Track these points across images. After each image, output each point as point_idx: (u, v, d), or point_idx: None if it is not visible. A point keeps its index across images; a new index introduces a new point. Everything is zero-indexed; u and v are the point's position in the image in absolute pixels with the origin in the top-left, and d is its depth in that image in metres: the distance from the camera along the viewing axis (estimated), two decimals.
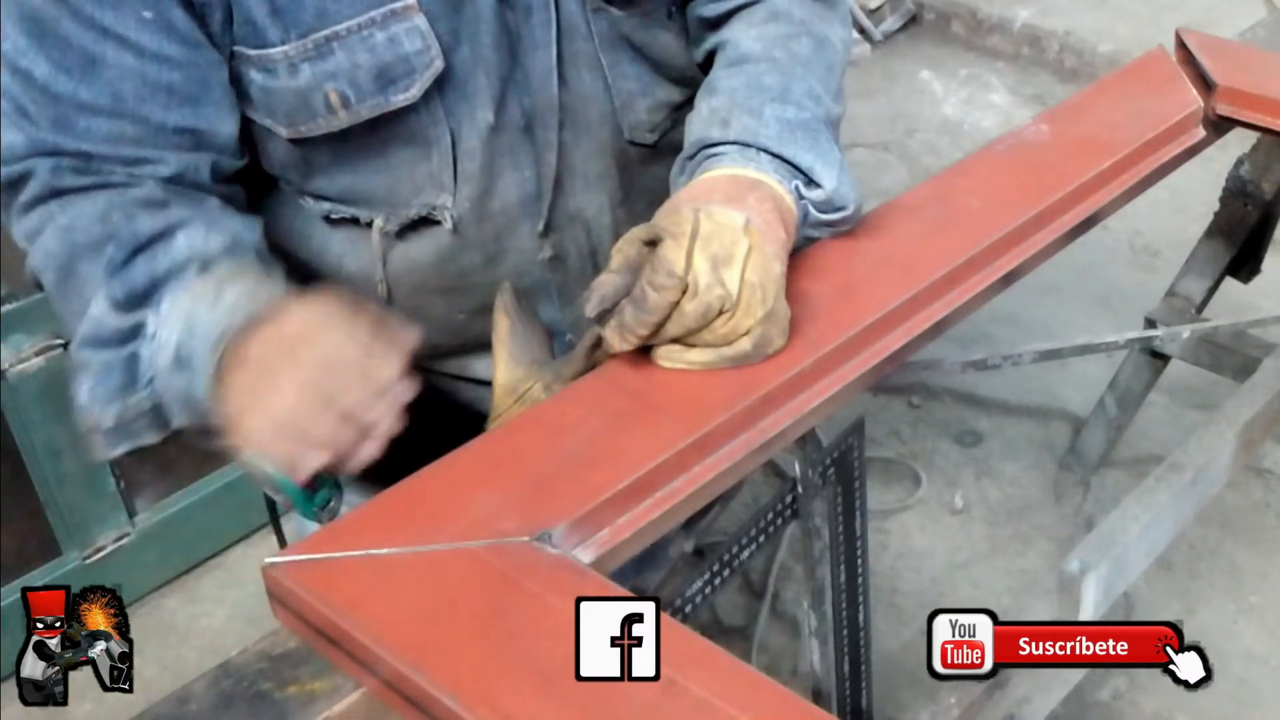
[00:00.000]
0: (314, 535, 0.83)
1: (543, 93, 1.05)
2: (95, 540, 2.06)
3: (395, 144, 1.02)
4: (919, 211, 1.14)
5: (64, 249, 0.94)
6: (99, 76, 0.92)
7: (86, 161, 0.95)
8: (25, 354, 1.87)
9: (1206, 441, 1.17)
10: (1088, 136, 1.26)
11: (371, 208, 1.05)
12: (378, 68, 0.97)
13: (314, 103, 0.97)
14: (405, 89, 0.98)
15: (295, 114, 0.98)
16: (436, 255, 1.08)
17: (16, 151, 0.95)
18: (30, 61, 0.92)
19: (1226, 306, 2.20)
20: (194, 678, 0.78)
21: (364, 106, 0.98)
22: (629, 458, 0.86)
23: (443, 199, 1.05)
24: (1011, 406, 2.51)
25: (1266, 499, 2.26)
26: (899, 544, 2.22)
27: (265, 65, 0.96)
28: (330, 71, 0.96)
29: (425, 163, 1.03)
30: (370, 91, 0.97)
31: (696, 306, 0.88)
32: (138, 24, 0.92)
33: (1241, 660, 1.96)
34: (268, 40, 0.95)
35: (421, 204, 1.05)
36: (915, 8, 4.03)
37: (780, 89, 1.03)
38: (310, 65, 0.96)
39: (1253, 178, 1.97)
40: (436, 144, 1.03)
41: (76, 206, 0.95)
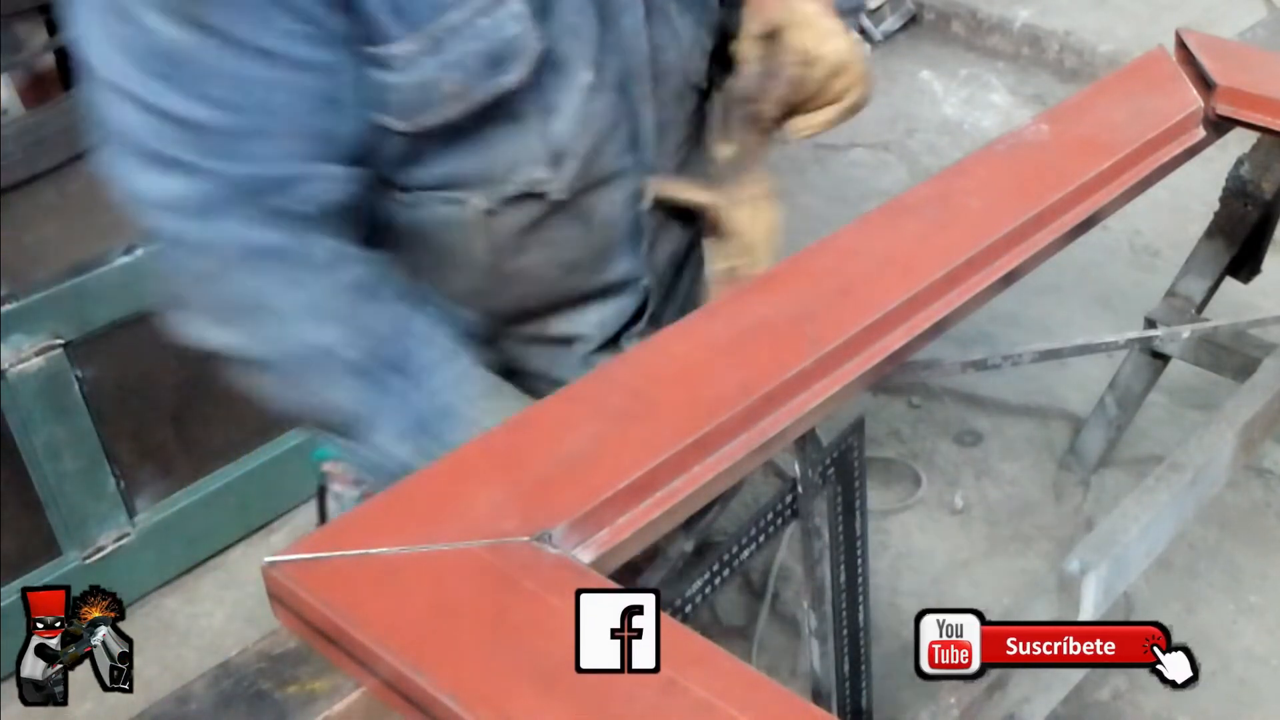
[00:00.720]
0: (314, 535, 0.83)
1: (635, 52, 1.09)
2: (95, 540, 2.06)
3: (491, 124, 1.04)
4: (919, 211, 1.14)
5: (296, 348, 0.99)
6: (251, 96, 0.92)
7: (259, 193, 0.94)
8: (25, 354, 1.87)
9: (1206, 441, 1.17)
10: (1088, 136, 1.26)
11: (469, 189, 1.07)
12: (487, 54, 0.98)
13: (432, 95, 0.99)
14: (512, 71, 1.00)
15: (414, 107, 1.00)
16: (534, 222, 1.10)
17: (189, 202, 0.94)
18: (168, 100, 0.90)
19: (1226, 306, 2.20)
20: (194, 677, 0.78)
21: (478, 92, 1.00)
22: (629, 458, 0.86)
23: (540, 173, 1.07)
24: (1011, 406, 2.51)
25: (1266, 499, 2.26)
26: (899, 544, 2.22)
27: (386, 62, 0.97)
28: (447, 63, 0.98)
29: (520, 139, 1.05)
30: (482, 77, 0.99)
31: (824, 71, 1.10)
32: (284, 36, 0.91)
33: (1241, 660, 1.96)
34: (389, 36, 0.96)
35: (521, 180, 1.07)
36: (915, 8, 4.03)
37: None
38: (429, 58, 0.97)
39: (1253, 178, 1.97)
40: (531, 120, 1.05)
41: (291, 289, 0.98)
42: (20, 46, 1.93)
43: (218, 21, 0.88)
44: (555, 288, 1.17)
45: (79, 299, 1.89)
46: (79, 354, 1.92)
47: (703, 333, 1.00)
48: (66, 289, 1.87)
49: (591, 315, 1.20)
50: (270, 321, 0.98)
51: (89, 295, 1.89)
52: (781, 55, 1.10)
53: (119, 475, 2.06)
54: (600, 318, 1.20)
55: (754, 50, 1.11)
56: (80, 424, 1.96)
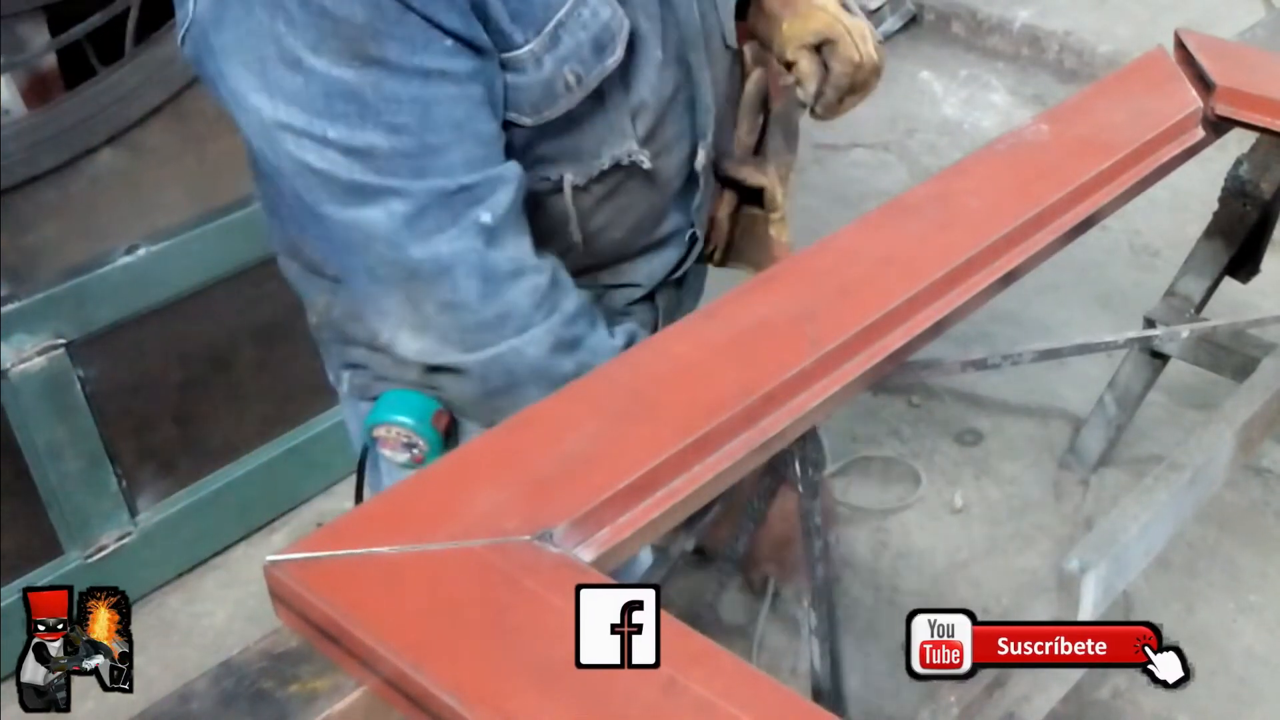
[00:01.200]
0: (316, 535, 0.83)
1: (689, 24, 1.17)
2: (97, 539, 2.06)
3: (584, 107, 1.10)
4: (919, 211, 1.15)
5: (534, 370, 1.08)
6: (429, 115, 0.98)
7: (458, 204, 1.02)
8: (27, 354, 1.87)
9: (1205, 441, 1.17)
10: (1087, 136, 1.26)
11: (560, 167, 1.13)
12: (593, 40, 1.06)
13: (556, 88, 1.06)
14: (614, 52, 1.08)
15: (541, 102, 1.06)
16: (618, 192, 1.17)
17: (398, 221, 1.01)
18: (363, 137, 0.97)
19: (1226, 306, 2.20)
20: (195, 676, 0.78)
21: (591, 77, 1.07)
22: (630, 457, 0.86)
23: (626, 145, 1.14)
24: (1011, 406, 2.51)
25: (1265, 498, 2.26)
26: (899, 543, 2.22)
27: (515, 66, 1.04)
28: (564, 56, 1.05)
29: (603, 115, 1.12)
30: (593, 63, 1.07)
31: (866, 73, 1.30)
32: (445, 53, 0.98)
33: (1241, 659, 1.96)
34: (514, 43, 1.03)
35: (610, 155, 1.14)
36: (915, 8, 4.03)
37: None
38: (550, 55, 1.04)
39: (1252, 178, 1.97)
40: (617, 98, 1.11)
41: (527, 311, 1.07)
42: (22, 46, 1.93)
43: (386, 55, 0.95)
44: (620, 246, 1.24)
45: (80, 299, 1.89)
46: (81, 354, 1.93)
47: (703, 333, 1.00)
48: (68, 289, 1.87)
49: (643, 266, 1.27)
50: (510, 350, 1.07)
51: (90, 295, 1.89)
52: (834, 63, 1.26)
53: (120, 475, 2.06)
54: (650, 268, 1.28)
55: (805, 58, 1.26)
56: (82, 424, 1.96)
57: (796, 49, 1.27)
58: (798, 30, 1.27)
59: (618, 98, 1.12)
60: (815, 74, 1.27)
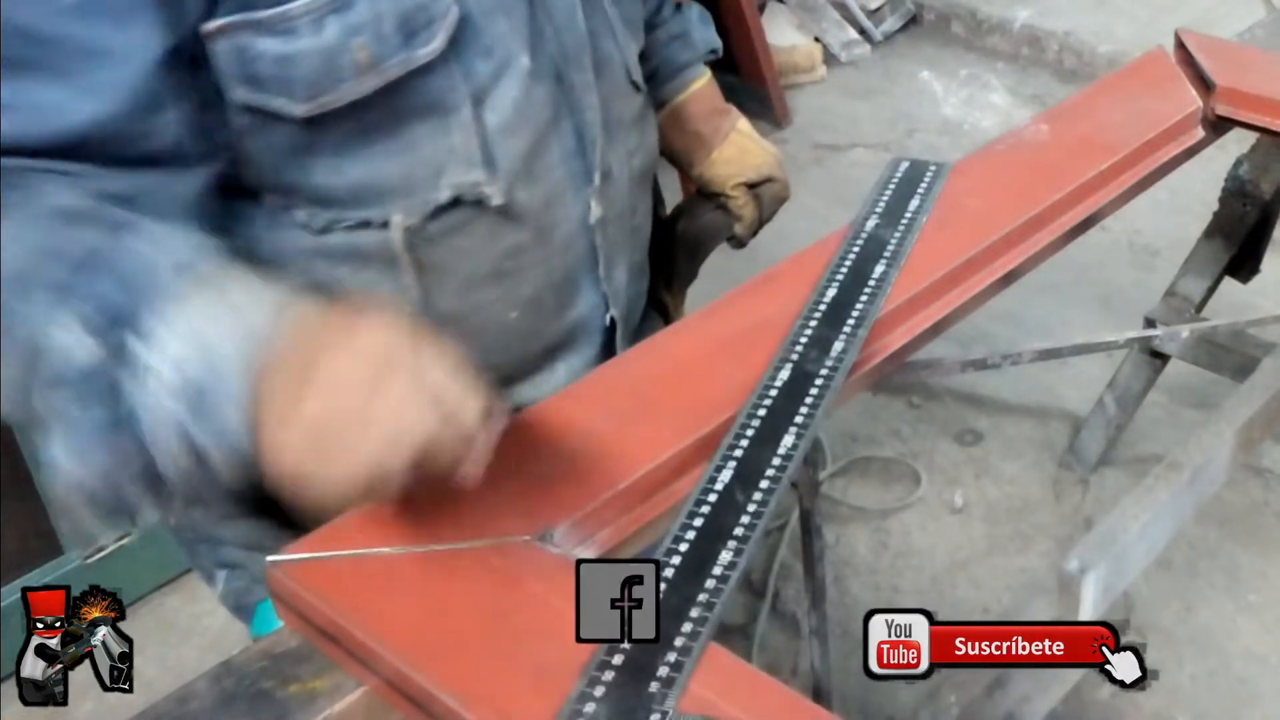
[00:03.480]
0: (316, 535, 0.83)
1: (569, 32, 0.98)
2: (96, 540, 2.06)
3: (411, 117, 0.91)
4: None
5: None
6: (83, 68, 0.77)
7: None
8: None
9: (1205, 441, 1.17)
10: (1087, 136, 1.26)
11: (385, 203, 0.93)
12: (400, 16, 0.87)
13: (341, 63, 0.86)
14: (427, 41, 0.88)
15: (319, 81, 0.86)
16: (480, 239, 0.97)
17: None
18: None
19: (1226, 306, 2.20)
20: (195, 676, 0.78)
21: (391, 64, 0.88)
22: (630, 457, 0.86)
23: (474, 174, 0.94)
24: (1011, 406, 2.51)
25: (1265, 498, 2.26)
26: (899, 543, 2.22)
27: (285, 26, 0.84)
28: (355, 25, 0.86)
29: (445, 136, 0.93)
30: (395, 45, 0.87)
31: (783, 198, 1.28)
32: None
33: (1241, 659, 1.96)
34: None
35: (449, 185, 0.94)
36: (915, 8, 4.03)
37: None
38: (336, 18, 0.85)
39: (1252, 178, 1.97)
40: (457, 111, 0.92)
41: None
42: None
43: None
44: (513, 337, 1.02)
45: None
46: None
47: (703, 333, 1.00)
48: None
49: (560, 372, 1.06)
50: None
51: None
52: (768, 200, 1.26)
53: None
54: (569, 373, 1.06)
55: (744, 195, 1.25)
56: None
57: (736, 185, 1.24)
58: (737, 167, 1.24)
59: (463, 112, 0.92)
60: (753, 213, 1.25)
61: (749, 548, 0.79)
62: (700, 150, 1.25)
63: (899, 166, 1.20)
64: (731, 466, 0.85)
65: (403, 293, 0.96)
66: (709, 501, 0.82)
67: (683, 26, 1.24)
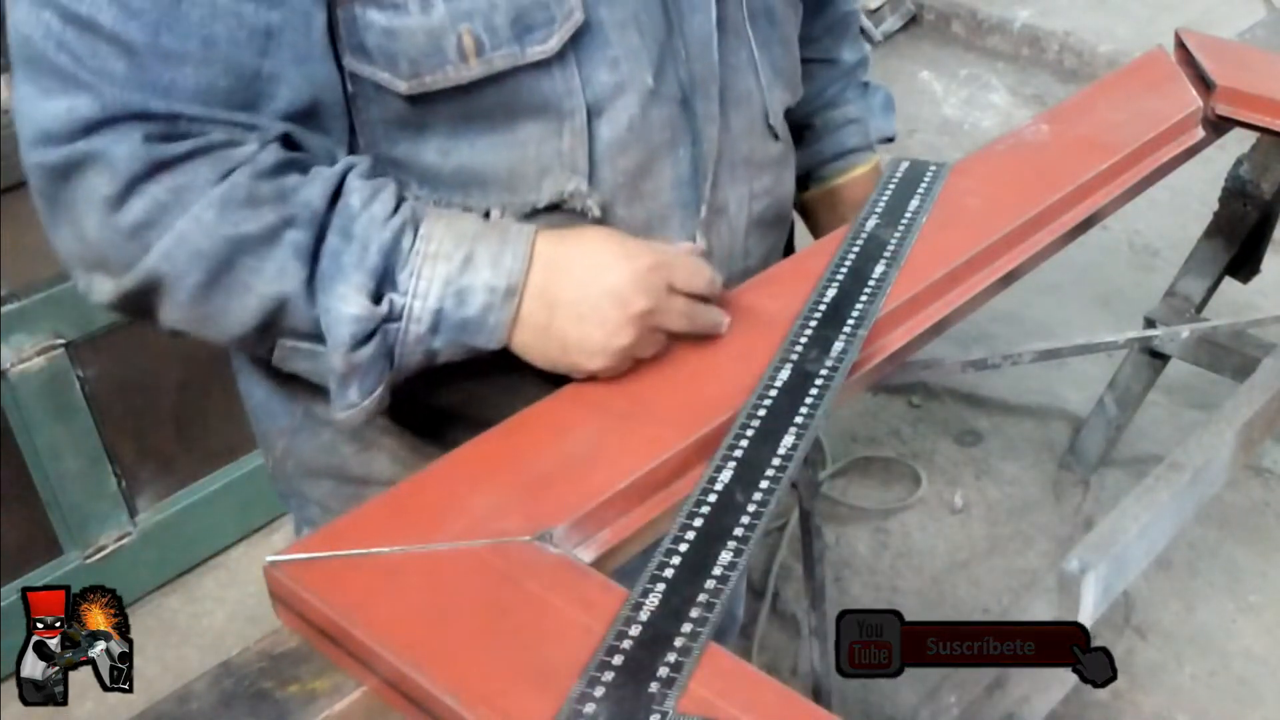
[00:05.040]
0: (315, 535, 0.83)
1: (702, 60, 0.97)
2: (96, 540, 2.06)
3: (523, 114, 0.91)
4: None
5: (218, 245, 0.82)
6: (184, 17, 0.80)
7: (174, 124, 0.82)
8: (26, 354, 1.87)
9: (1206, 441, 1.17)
10: (1088, 136, 1.26)
11: (487, 193, 0.94)
12: (515, 10, 0.87)
13: (445, 45, 0.86)
14: (543, 40, 0.88)
15: (422, 60, 0.87)
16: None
17: (76, 123, 0.80)
18: (91, 7, 0.79)
19: (1226, 306, 2.21)
20: (195, 677, 0.78)
21: (498, 55, 0.88)
22: (630, 458, 0.86)
23: (575, 183, 0.94)
24: (1011, 406, 2.51)
25: (1266, 498, 2.26)
26: (899, 543, 2.22)
27: (393, 1, 0.85)
28: (464, 10, 0.86)
29: (554, 139, 0.92)
30: (506, 38, 0.87)
31: None
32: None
33: (1241, 660, 1.96)
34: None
35: (551, 189, 0.94)
36: (915, 8, 4.03)
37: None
38: (446, 1, 0.86)
39: (1252, 178, 1.97)
40: (570, 117, 0.92)
41: (199, 187, 0.82)
42: None
43: None
44: None
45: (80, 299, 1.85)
46: (80, 354, 1.93)
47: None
48: (67, 289, 1.87)
49: None
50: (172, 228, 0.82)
51: None
52: None
53: (120, 475, 2.06)
54: None
55: None
56: (81, 424, 1.97)
57: None
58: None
59: (575, 119, 0.92)
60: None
61: (749, 548, 0.79)
62: (827, 217, 1.27)
63: (899, 166, 1.20)
64: (731, 466, 0.85)
65: None
66: (709, 501, 0.82)
67: (862, 113, 1.27)
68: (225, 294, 0.85)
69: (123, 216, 0.82)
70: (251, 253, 0.83)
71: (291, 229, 0.84)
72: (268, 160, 0.84)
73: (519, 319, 0.89)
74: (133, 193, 0.81)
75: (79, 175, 0.81)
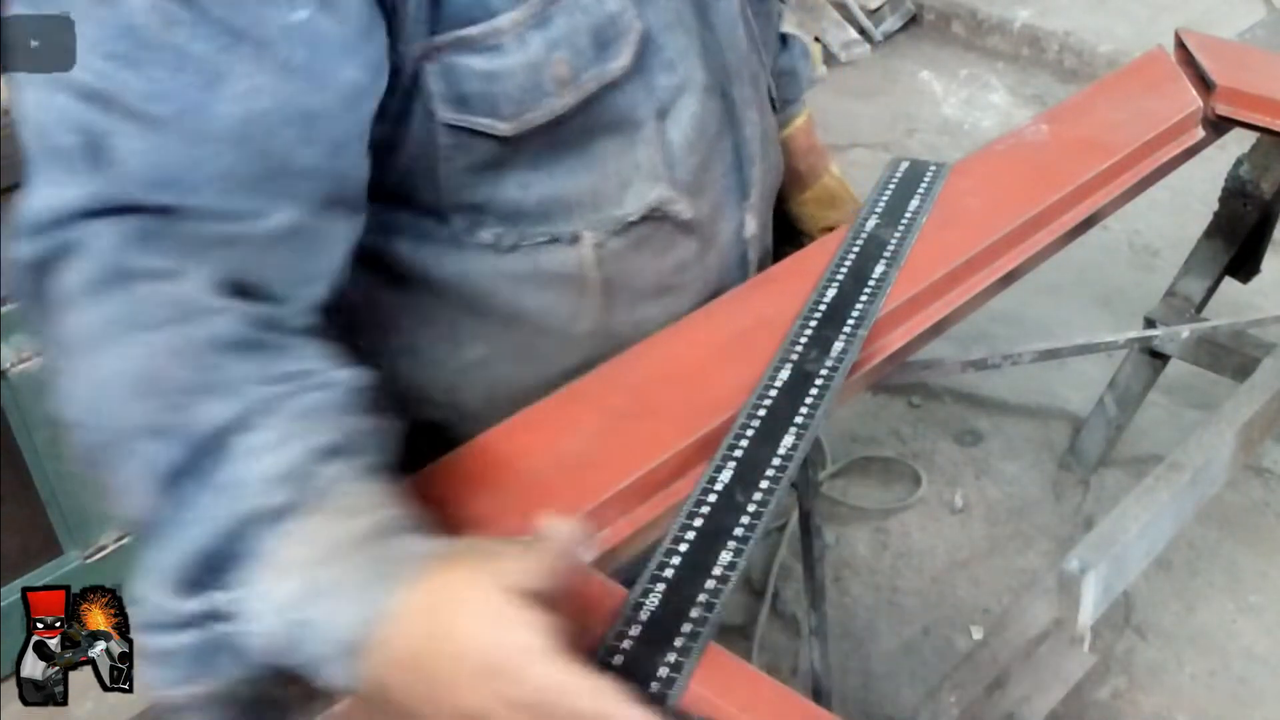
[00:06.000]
0: None
1: (732, 49, 0.98)
2: (96, 539, 2.06)
3: (600, 132, 0.90)
4: None
5: (112, 410, 0.68)
6: (222, 94, 0.71)
7: (168, 222, 0.71)
8: (26, 354, 1.87)
9: (1206, 441, 1.17)
10: (1088, 136, 1.26)
11: (573, 218, 0.92)
12: (593, 29, 0.86)
13: (544, 78, 0.84)
14: (617, 55, 0.87)
15: (524, 97, 0.84)
16: (656, 254, 0.98)
17: (62, 211, 0.70)
18: (116, 84, 0.70)
19: (1226, 306, 2.20)
20: None
21: (587, 77, 0.86)
22: (630, 457, 0.86)
23: (658, 191, 0.94)
24: (1011, 406, 2.51)
25: (1266, 498, 2.26)
26: (899, 543, 2.22)
27: (493, 42, 0.82)
28: (555, 39, 0.84)
29: (630, 151, 0.92)
30: (590, 59, 0.86)
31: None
32: (284, 29, 0.72)
33: (1241, 660, 1.96)
34: (494, 8, 0.81)
35: (636, 201, 0.94)
36: (915, 8, 4.03)
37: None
38: (538, 33, 0.83)
39: (1252, 178, 1.97)
40: (642, 126, 0.92)
41: (141, 327, 0.69)
42: None
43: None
44: None
45: None
46: None
47: (703, 333, 1.00)
48: None
49: None
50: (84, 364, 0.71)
51: None
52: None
53: None
54: None
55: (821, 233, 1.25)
56: None
57: (823, 229, 1.25)
58: (827, 210, 1.26)
59: (649, 127, 0.92)
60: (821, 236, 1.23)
61: (749, 548, 0.79)
62: (794, 186, 1.25)
63: (899, 166, 1.20)
64: (731, 467, 0.85)
65: (582, 314, 0.96)
66: (709, 502, 0.82)
67: (791, 62, 1.24)
68: (110, 469, 0.69)
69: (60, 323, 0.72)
70: (137, 437, 0.68)
71: (169, 437, 0.67)
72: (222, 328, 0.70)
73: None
74: (80, 303, 0.70)
75: (54, 268, 0.71)
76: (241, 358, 0.70)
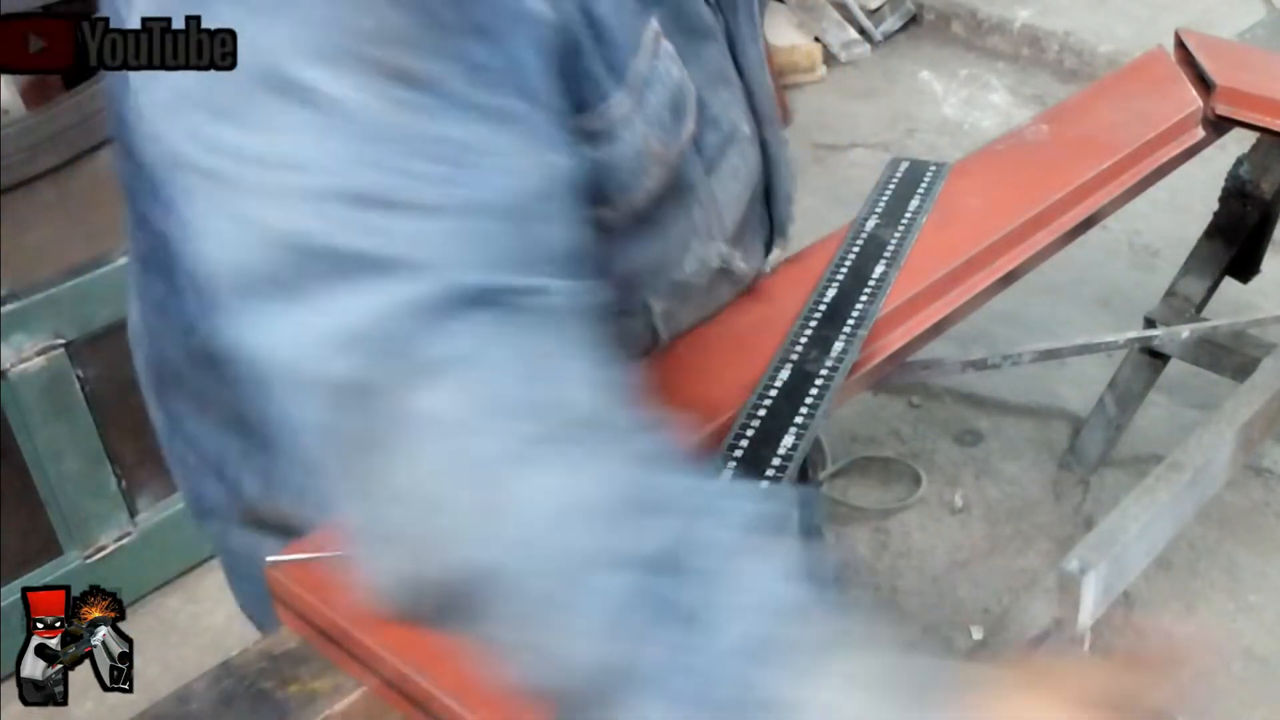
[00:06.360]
0: (316, 535, 0.83)
1: (760, 90, 0.94)
2: (96, 540, 2.06)
3: (664, 200, 0.84)
4: None
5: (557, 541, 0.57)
6: (482, 167, 0.61)
7: (519, 308, 0.61)
8: (26, 354, 1.87)
9: (1206, 441, 1.17)
10: (1088, 136, 1.26)
11: (643, 289, 0.89)
12: (670, 101, 0.80)
13: (645, 161, 0.78)
14: (684, 121, 0.82)
15: (630, 181, 0.78)
16: (703, 303, 0.98)
17: (401, 309, 0.58)
18: (362, 178, 0.58)
19: (1226, 306, 2.20)
20: (195, 677, 0.78)
21: (671, 151, 0.81)
22: None
23: (713, 248, 0.91)
24: (1011, 406, 2.51)
25: (1266, 498, 2.26)
26: (899, 543, 2.22)
27: (604, 130, 0.75)
28: (649, 118, 0.78)
29: (686, 214, 0.87)
30: (672, 132, 0.81)
31: None
32: (523, 97, 0.64)
33: (1241, 660, 1.96)
34: (606, 90, 0.74)
35: (695, 263, 0.90)
36: (915, 8, 4.03)
37: None
38: (639, 115, 0.77)
39: (1252, 178, 1.97)
40: (695, 188, 0.87)
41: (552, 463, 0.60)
42: None
43: (429, 72, 0.59)
44: None
45: (80, 299, 1.89)
46: (80, 354, 1.92)
47: (703, 333, 1.00)
48: (67, 289, 1.87)
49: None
50: (505, 521, 0.58)
51: (90, 295, 1.89)
52: None
53: (120, 475, 2.06)
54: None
55: None
56: (81, 424, 1.96)
57: None
58: None
59: (699, 186, 0.87)
60: None
61: None
62: None
63: (899, 166, 1.20)
64: (731, 466, 0.85)
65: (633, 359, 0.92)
66: None
67: None
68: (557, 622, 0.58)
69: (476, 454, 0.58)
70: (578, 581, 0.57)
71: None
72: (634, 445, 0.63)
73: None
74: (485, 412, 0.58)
75: (397, 389, 0.58)
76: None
